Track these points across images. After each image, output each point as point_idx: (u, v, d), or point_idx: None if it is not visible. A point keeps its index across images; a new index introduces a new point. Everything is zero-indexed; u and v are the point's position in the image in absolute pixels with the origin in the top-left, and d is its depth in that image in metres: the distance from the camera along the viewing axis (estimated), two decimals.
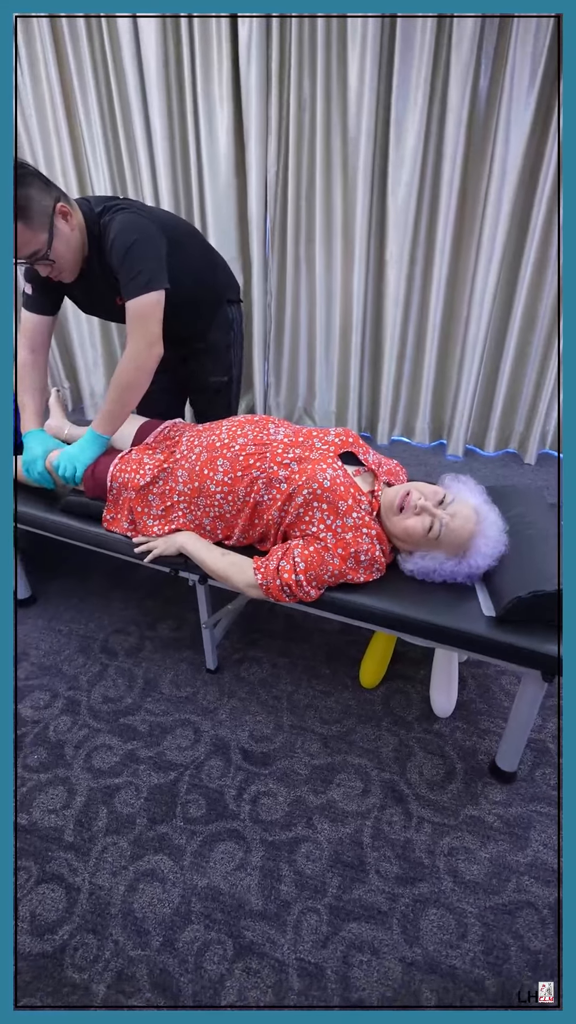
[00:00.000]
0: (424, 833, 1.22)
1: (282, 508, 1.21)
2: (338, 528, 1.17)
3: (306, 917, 1.09)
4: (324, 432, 1.30)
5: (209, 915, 1.09)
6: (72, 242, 1.29)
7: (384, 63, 2.09)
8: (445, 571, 1.18)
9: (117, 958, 1.03)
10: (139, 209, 1.34)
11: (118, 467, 1.36)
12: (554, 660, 1.05)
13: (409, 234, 2.31)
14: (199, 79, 2.24)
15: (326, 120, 2.22)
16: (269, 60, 2.16)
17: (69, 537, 1.48)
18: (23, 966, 1.02)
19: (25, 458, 1.45)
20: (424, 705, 1.49)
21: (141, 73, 2.27)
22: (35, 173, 1.21)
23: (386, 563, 1.23)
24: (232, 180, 2.41)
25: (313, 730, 1.43)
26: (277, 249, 2.52)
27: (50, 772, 1.34)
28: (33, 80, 2.39)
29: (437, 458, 2.70)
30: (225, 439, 1.29)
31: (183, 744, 1.40)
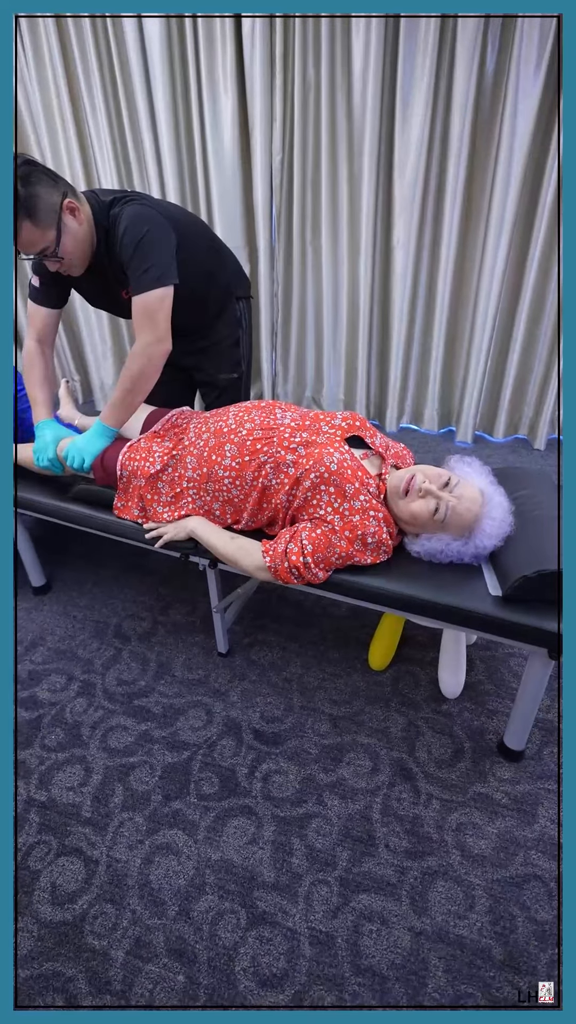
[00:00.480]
0: (432, 809, 1.24)
1: (290, 492, 1.22)
2: (345, 511, 1.18)
3: (317, 889, 1.12)
4: (331, 416, 1.32)
5: (223, 886, 1.12)
6: (80, 236, 1.30)
7: (389, 46, 2.08)
8: (451, 552, 1.20)
9: (135, 926, 1.07)
10: (149, 202, 1.33)
11: (127, 455, 1.39)
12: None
13: (416, 218, 2.30)
14: (203, 67, 2.24)
15: (331, 105, 2.21)
16: (273, 46, 2.16)
17: (81, 525, 1.51)
18: (44, 933, 1.06)
19: (36, 445, 1.48)
20: (432, 687, 1.51)
21: (145, 61, 2.27)
22: (42, 170, 1.22)
23: (393, 545, 1.24)
24: (237, 169, 2.41)
25: (323, 711, 1.46)
26: (283, 237, 2.52)
27: (67, 752, 1.38)
28: (38, 68, 2.40)
29: (446, 445, 2.70)
30: (232, 424, 1.31)
31: (196, 725, 1.44)
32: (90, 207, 1.31)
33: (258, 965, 1.01)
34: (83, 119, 2.49)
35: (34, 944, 1.05)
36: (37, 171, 1.20)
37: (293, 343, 2.78)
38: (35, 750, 1.39)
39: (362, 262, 2.42)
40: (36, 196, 1.19)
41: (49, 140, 2.55)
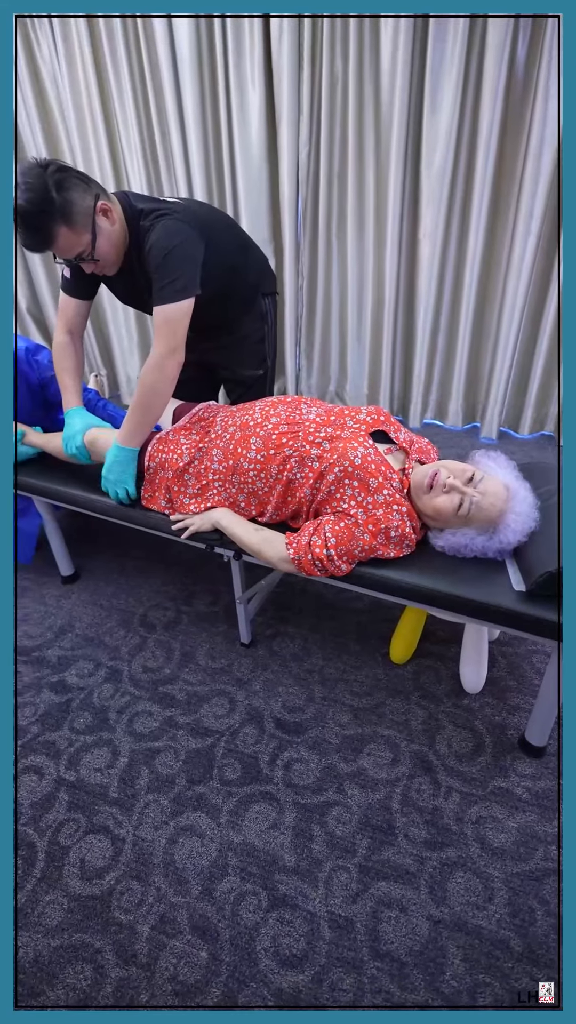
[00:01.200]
0: (452, 802, 1.25)
1: (314, 486, 1.24)
2: (369, 505, 1.19)
3: (337, 875, 1.14)
4: (356, 411, 1.32)
5: (245, 868, 1.15)
6: (114, 237, 1.32)
7: (418, 37, 2.06)
8: (476, 547, 1.20)
9: (160, 903, 1.11)
10: (181, 213, 1.33)
11: (155, 447, 1.42)
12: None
13: (443, 209, 2.28)
14: (231, 61, 2.25)
15: (358, 97, 2.20)
16: (301, 39, 2.16)
17: (107, 515, 1.55)
18: (74, 906, 1.11)
19: (65, 433, 1.52)
20: (453, 681, 1.51)
21: (174, 57, 2.29)
22: (75, 174, 1.22)
23: (416, 540, 1.25)
24: (264, 163, 2.42)
25: (344, 702, 1.48)
26: (309, 230, 2.53)
27: (95, 735, 1.43)
28: (69, 64, 2.44)
29: (470, 440, 2.68)
30: (258, 418, 1.33)
31: (219, 712, 1.47)
32: (121, 208, 1.33)
33: (279, 946, 1.04)
34: (112, 115, 2.53)
35: (64, 916, 1.09)
36: (70, 176, 1.21)
37: (317, 337, 2.78)
38: (64, 732, 1.44)
39: (388, 254, 2.41)
40: (71, 201, 1.20)
41: (79, 136, 2.60)
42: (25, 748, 1.40)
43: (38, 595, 1.89)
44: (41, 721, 1.47)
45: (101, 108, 2.51)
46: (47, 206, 1.18)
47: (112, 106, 2.50)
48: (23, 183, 1.17)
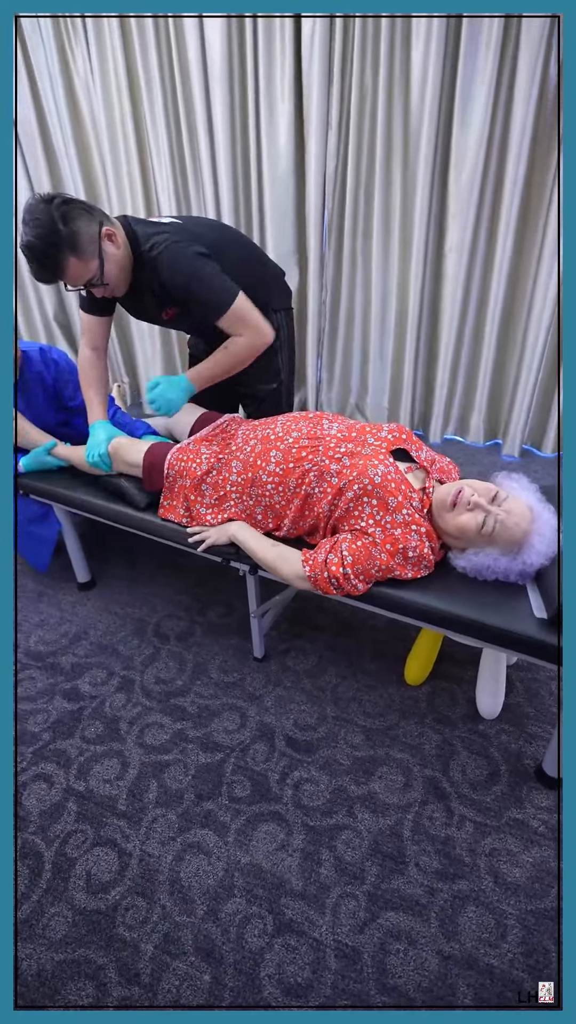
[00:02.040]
0: (466, 832, 1.22)
1: (332, 502, 1.23)
2: (387, 524, 1.18)
3: (345, 902, 1.11)
4: (377, 428, 1.31)
5: (251, 890, 1.13)
6: (120, 260, 1.36)
7: (450, 50, 2.05)
8: (498, 568, 1.17)
9: (164, 922, 1.09)
10: (179, 234, 1.37)
11: (175, 456, 1.42)
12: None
13: (471, 223, 2.27)
14: (261, 74, 2.27)
15: (387, 111, 2.20)
16: (332, 53, 2.17)
17: (123, 524, 1.56)
18: (78, 919, 1.10)
19: (89, 442, 1.55)
20: (469, 706, 1.48)
21: (205, 69, 2.32)
22: (78, 205, 1.26)
23: (435, 561, 1.23)
24: (291, 176, 2.43)
25: (356, 722, 1.45)
26: (334, 243, 2.53)
27: (106, 745, 1.43)
28: (102, 77, 2.49)
29: (492, 458, 2.64)
30: (280, 432, 1.32)
31: (230, 727, 1.45)
32: (124, 232, 1.37)
33: (283, 973, 1.02)
34: (143, 127, 2.57)
35: (68, 929, 1.09)
36: (74, 208, 1.25)
37: (339, 349, 2.78)
38: (75, 741, 1.44)
39: (413, 267, 2.40)
40: (77, 231, 1.24)
41: (110, 148, 2.64)
42: (36, 755, 1.41)
43: (55, 600, 1.90)
44: (53, 728, 1.47)
45: (132, 120, 2.55)
46: (55, 239, 1.22)
47: (143, 118, 2.54)
48: (30, 220, 1.21)
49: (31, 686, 1.60)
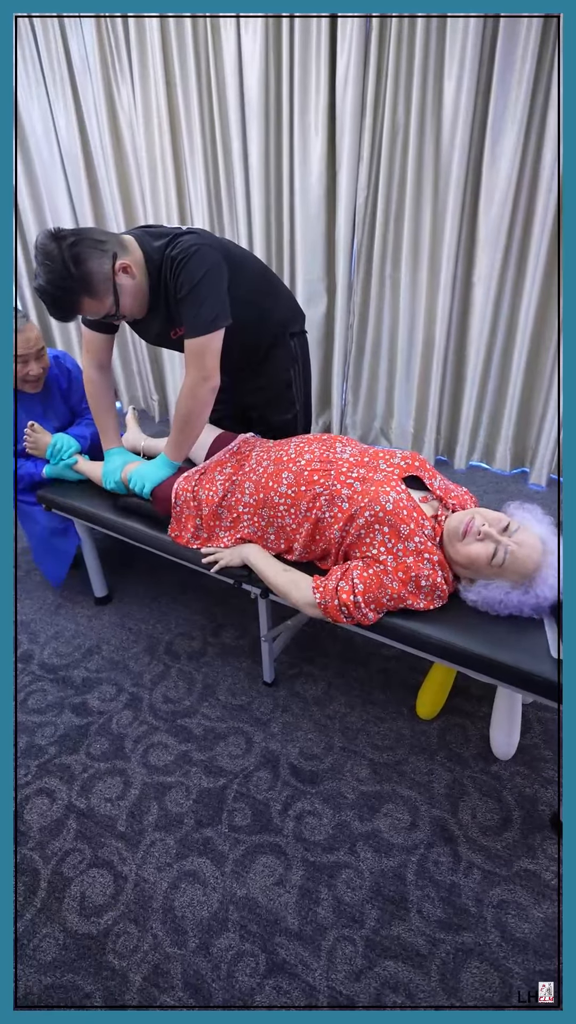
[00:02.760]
0: (473, 879, 1.16)
1: (343, 528, 1.21)
2: (399, 552, 1.16)
3: (341, 945, 1.07)
4: (390, 454, 1.30)
5: (245, 926, 1.10)
6: (136, 290, 1.32)
7: (482, 86, 2.07)
8: (511, 602, 1.14)
9: (155, 952, 1.07)
10: (204, 236, 1.33)
11: (182, 485, 1.44)
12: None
13: (500, 254, 2.26)
14: (296, 109, 2.34)
15: (418, 146, 2.23)
16: (365, 89, 2.22)
17: (140, 542, 1.57)
18: (69, 942, 1.08)
19: (105, 469, 1.59)
20: (483, 743, 1.42)
21: (242, 104, 2.41)
22: (89, 243, 1.21)
23: (448, 591, 1.20)
24: (322, 205, 2.48)
25: (364, 755, 1.41)
26: (362, 271, 2.55)
27: (110, 762, 1.42)
28: (145, 111, 2.60)
29: (518, 486, 2.59)
30: (292, 454, 1.32)
31: (234, 752, 1.43)
32: (141, 251, 1.32)
33: None
34: (182, 158, 2.66)
35: (58, 953, 1.07)
36: (85, 247, 1.21)
37: (365, 374, 2.78)
38: (80, 757, 1.44)
39: (440, 296, 2.40)
40: (89, 273, 1.22)
41: (149, 178, 2.75)
42: (41, 769, 1.41)
43: (71, 614, 1.93)
44: (59, 743, 1.48)
45: (172, 153, 2.65)
46: (68, 283, 1.21)
47: (182, 150, 2.64)
48: (42, 262, 1.19)
49: (42, 698, 1.61)
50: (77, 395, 1.89)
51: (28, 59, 2.77)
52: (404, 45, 2.11)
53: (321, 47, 2.21)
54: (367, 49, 2.16)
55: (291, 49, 2.25)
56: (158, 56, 2.47)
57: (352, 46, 2.15)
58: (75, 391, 1.88)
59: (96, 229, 1.29)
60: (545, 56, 1.97)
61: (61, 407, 1.86)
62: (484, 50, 2.02)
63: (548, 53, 1.97)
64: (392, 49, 2.12)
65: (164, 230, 1.38)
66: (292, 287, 2.71)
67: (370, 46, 2.15)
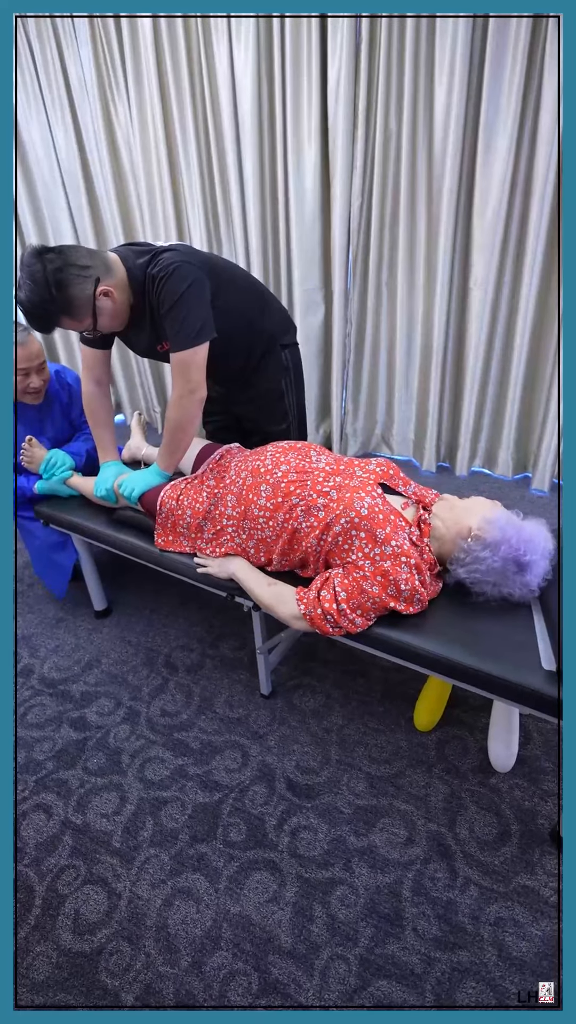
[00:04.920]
0: (469, 896, 1.14)
1: (320, 537, 1.21)
2: (376, 556, 1.15)
3: (335, 964, 1.05)
4: (365, 462, 1.31)
5: (238, 944, 1.09)
6: (115, 311, 1.36)
7: (473, 90, 2.07)
8: (495, 567, 1.15)
9: (147, 971, 1.06)
10: (185, 252, 1.35)
11: (168, 494, 1.45)
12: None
13: (496, 257, 2.25)
14: (289, 120, 2.35)
15: (411, 152, 2.23)
16: (357, 97, 2.23)
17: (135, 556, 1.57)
18: (62, 961, 1.08)
19: (98, 478, 1.62)
20: (482, 756, 1.40)
21: (236, 117, 2.43)
22: (73, 269, 1.24)
23: (427, 596, 1.19)
24: (317, 214, 2.49)
25: (361, 768, 1.40)
26: (359, 278, 2.55)
27: (106, 777, 1.42)
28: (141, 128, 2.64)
29: (521, 491, 2.56)
30: (269, 465, 1.33)
31: (231, 766, 1.43)
32: (125, 269, 1.34)
33: None
34: (178, 172, 2.69)
35: (51, 971, 1.07)
36: (69, 273, 1.24)
37: (364, 382, 2.78)
38: (77, 772, 1.44)
39: (438, 301, 2.39)
40: (70, 298, 1.27)
41: (147, 192, 2.78)
42: (39, 784, 1.42)
43: (72, 627, 1.94)
44: (57, 757, 1.48)
45: (168, 166, 2.68)
46: (48, 305, 1.26)
47: (178, 164, 2.66)
48: (26, 279, 1.23)
49: (41, 713, 1.62)
50: (77, 409, 1.91)
51: (28, 82, 2.83)
52: (395, 52, 2.12)
53: (312, 57, 2.22)
54: (358, 58, 2.17)
55: (283, 60, 2.27)
56: (153, 73, 2.50)
57: (343, 55, 2.16)
58: (76, 405, 1.90)
59: (82, 249, 1.30)
60: (535, 57, 1.97)
61: (60, 420, 1.88)
62: (474, 54, 2.02)
63: (538, 54, 1.96)
64: (383, 56, 2.12)
65: (147, 247, 1.39)
66: (289, 297, 2.72)
67: (361, 54, 2.16)
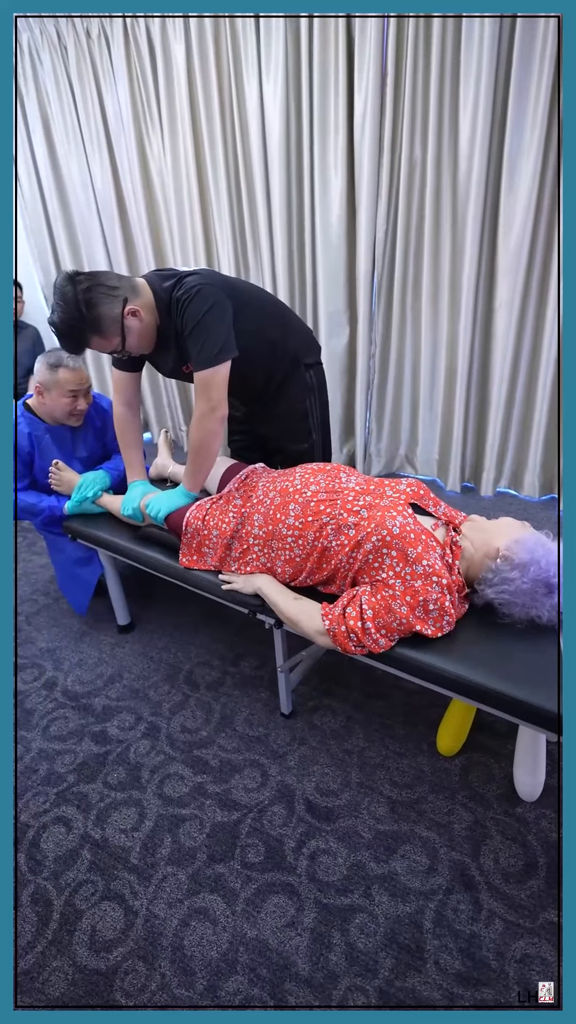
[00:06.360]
0: (494, 931, 1.10)
1: (350, 555, 1.22)
2: (407, 575, 1.15)
3: (353, 995, 1.03)
4: (395, 482, 1.31)
5: (254, 969, 1.07)
6: (143, 331, 1.41)
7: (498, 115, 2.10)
8: (523, 588, 1.14)
9: (162, 992, 1.05)
10: (207, 276, 1.40)
11: (193, 514, 1.47)
12: None
13: (521, 279, 2.26)
14: (316, 150, 2.42)
15: (436, 179, 2.27)
16: (383, 128, 2.28)
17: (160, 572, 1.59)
18: (78, 978, 1.08)
19: (126, 498, 1.65)
20: (507, 783, 1.37)
21: (265, 147, 2.51)
22: (102, 290, 1.31)
23: (456, 617, 1.18)
24: (343, 240, 2.54)
25: (382, 792, 1.38)
26: (383, 302, 2.59)
27: (126, 792, 1.43)
28: (173, 159, 2.75)
29: (547, 512, 2.52)
30: (298, 485, 1.34)
31: (250, 785, 1.42)
32: (152, 293, 1.40)
33: None
34: (208, 199, 2.79)
35: (66, 988, 1.07)
36: (98, 292, 1.30)
37: (389, 403, 2.80)
38: (97, 786, 1.45)
39: (462, 324, 2.41)
40: (99, 316, 1.32)
41: (178, 220, 2.88)
42: (59, 797, 1.43)
43: (95, 641, 1.97)
44: (78, 771, 1.49)
45: (199, 194, 2.78)
46: (79, 323, 1.32)
47: (208, 191, 2.76)
48: (57, 301, 1.30)
49: (63, 726, 1.64)
50: (111, 434, 1.95)
51: (68, 119, 2.98)
52: (420, 79, 2.17)
53: (339, 90, 2.30)
54: (383, 88, 2.23)
55: (310, 93, 2.35)
56: (185, 105, 2.62)
57: (369, 88, 2.22)
58: (109, 430, 1.95)
59: (111, 273, 1.38)
60: (560, 85, 2.00)
61: (94, 443, 1.94)
62: (499, 77, 2.06)
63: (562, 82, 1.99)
64: (408, 85, 2.18)
65: (172, 272, 1.45)
66: (314, 320, 2.77)
67: (387, 85, 2.22)
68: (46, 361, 1.70)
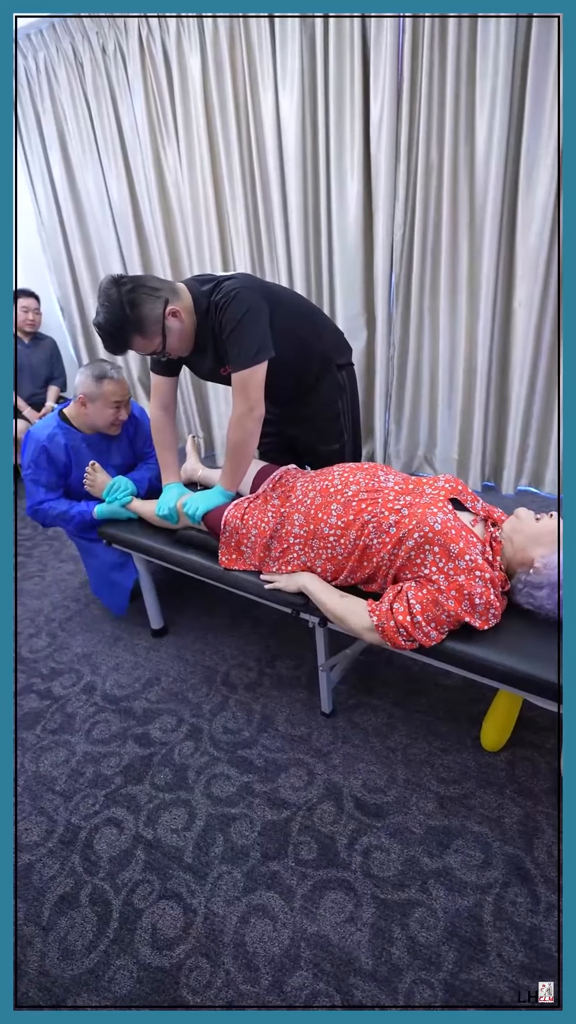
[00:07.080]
0: (554, 922, 1.11)
1: (392, 552, 1.23)
2: (450, 571, 1.16)
3: (419, 989, 1.03)
4: (434, 479, 1.33)
5: (318, 964, 1.08)
6: (183, 332, 1.44)
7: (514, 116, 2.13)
8: (546, 605, 1.17)
9: (228, 988, 1.06)
10: (244, 280, 1.43)
11: (231, 513, 1.49)
12: None
13: (539, 281, 2.28)
14: (332, 156, 2.46)
15: (453, 182, 2.30)
16: (399, 134, 2.32)
17: (197, 573, 1.61)
18: (143, 976, 1.09)
19: (161, 499, 1.67)
20: (553, 777, 1.37)
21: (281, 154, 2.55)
22: (144, 290, 1.35)
23: (501, 610, 1.19)
24: (360, 245, 2.57)
25: (429, 788, 1.38)
26: (401, 304, 2.61)
27: (174, 793, 1.44)
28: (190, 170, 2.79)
29: None
30: (339, 485, 1.36)
31: (296, 784, 1.43)
32: (191, 296, 1.44)
33: None
34: (224, 206, 2.83)
35: (133, 986, 1.07)
36: (141, 292, 1.35)
37: (407, 403, 2.82)
38: (145, 787, 1.46)
39: (481, 324, 2.43)
40: (142, 316, 1.36)
41: (194, 228, 2.92)
42: (108, 799, 1.44)
43: (130, 645, 1.98)
44: (124, 772, 1.50)
45: (215, 202, 2.82)
46: (123, 323, 1.36)
47: (224, 200, 2.80)
48: (102, 301, 1.35)
49: (106, 729, 1.65)
50: (142, 440, 1.99)
51: (84, 134, 3.03)
52: (436, 82, 2.20)
53: (355, 97, 2.33)
54: (399, 93, 2.26)
55: (326, 100, 2.39)
56: (201, 117, 2.66)
57: (385, 94, 2.26)
58: (140, 436, 1.98)
59: (153, 276, 1.42)
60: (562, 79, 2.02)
61: (126, 449, 1.96)
62: (515, 79, 2.09)
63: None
64: (424, 89, 2.20)
65: (211, 277, 1.49)
66: None
67: (403, 89, 2.25)
68: (91, 373, 1.73)
